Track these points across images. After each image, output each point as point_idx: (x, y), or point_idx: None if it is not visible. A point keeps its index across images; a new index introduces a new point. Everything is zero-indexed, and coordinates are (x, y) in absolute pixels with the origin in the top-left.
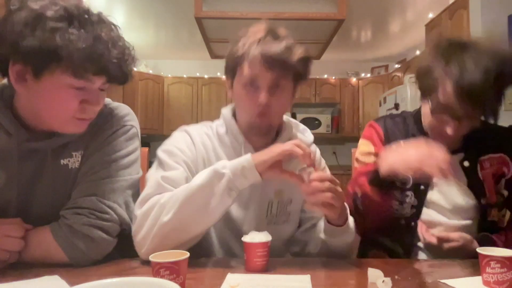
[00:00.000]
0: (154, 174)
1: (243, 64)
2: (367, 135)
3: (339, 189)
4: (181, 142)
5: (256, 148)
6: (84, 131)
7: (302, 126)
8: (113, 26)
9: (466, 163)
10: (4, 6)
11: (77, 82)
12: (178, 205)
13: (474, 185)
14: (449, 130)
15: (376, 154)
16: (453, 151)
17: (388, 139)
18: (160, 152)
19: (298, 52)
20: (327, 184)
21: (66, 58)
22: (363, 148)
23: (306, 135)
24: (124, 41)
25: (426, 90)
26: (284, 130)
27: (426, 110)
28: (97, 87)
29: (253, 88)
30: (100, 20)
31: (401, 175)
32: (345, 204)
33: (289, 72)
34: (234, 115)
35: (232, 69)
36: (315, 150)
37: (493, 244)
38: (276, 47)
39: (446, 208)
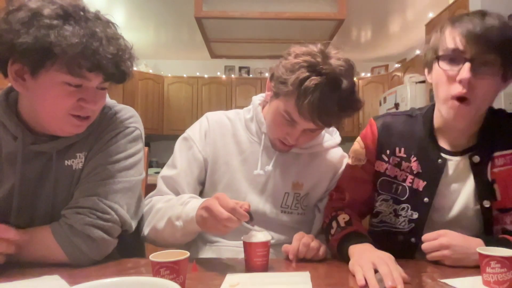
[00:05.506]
0: (163, 169)
1: (290, 100)
2: (363, 133)
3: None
4: (196, 127)
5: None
6: (88, 133)
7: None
8: (110, 24)
9: (476, 158)
10: (4, 9)
11: (73, 79)
12: (155, 232)
13: (480, 185)
14: (463, 73)
15: (365, 155)
16: (465, 150)
17: (381, 141)
18: (178, 142)
19: (351, 108)
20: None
21: (60, 54)
22: (355, 146)
23: (334, 136)
24: (123, 39)
25: (433, 48)
26: None
27: (436, 74)
28: (94, 85)
29: (289, 122)
30: (96, 17)
31: None
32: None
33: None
34: (261, 104)
35: (277, 89)
36: (340, 153)
37: None
38: (330, 106)
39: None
